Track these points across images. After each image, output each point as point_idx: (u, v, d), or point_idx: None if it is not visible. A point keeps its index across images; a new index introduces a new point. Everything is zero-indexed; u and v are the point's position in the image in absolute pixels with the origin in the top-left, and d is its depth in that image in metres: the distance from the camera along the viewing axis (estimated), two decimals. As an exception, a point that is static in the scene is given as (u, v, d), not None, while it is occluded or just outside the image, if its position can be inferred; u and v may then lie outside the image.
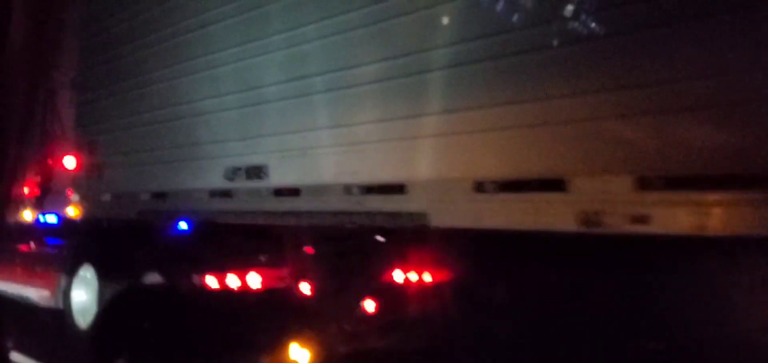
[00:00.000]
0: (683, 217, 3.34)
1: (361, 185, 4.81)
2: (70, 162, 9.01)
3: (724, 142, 3.23)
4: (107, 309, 6.67)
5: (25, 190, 9.94)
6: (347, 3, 4.92)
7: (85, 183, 8.27)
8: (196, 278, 6.13)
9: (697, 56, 3.31)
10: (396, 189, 4.54)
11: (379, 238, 4.87)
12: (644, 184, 3.44)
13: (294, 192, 5.34)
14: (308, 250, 5.36)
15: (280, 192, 5.50)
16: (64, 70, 9.35)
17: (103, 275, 7.18)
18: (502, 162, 3.99)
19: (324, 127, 5.06)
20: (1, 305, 8.69)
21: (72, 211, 8.46)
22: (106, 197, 7.85)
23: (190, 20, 6.44)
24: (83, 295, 7.37)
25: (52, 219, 9.34)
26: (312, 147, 5.18)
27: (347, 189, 4.89)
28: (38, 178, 9.66)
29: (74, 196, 8.51)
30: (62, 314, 7.54)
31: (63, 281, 7.76)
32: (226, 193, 6.03)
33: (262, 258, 6.08)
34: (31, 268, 8.75)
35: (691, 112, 3.35)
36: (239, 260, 6.11)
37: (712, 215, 3.28)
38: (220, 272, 6.09)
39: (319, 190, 5.12)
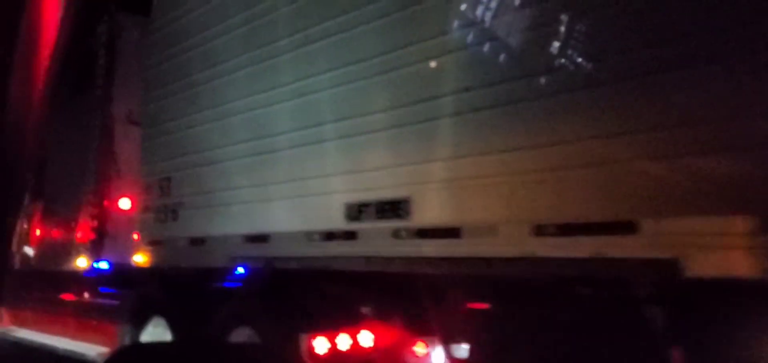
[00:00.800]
0: None
1: (558, 224, 3.71)
2: (125, 203, 8.19)
3: None
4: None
5: (78, 234, 9.09)
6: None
7: (155, 226, 7.30)
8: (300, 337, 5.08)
9: None
10: (619, 228, 3.43)
11: (583, 291, 3.74)
12: None
13: (451, 233, 4.25)
14: (474, 306, 4.24)
15: (427, 233, 4.43)
16: (119, 104, 8.55)
17: (178, 330, 6.28)
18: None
19: (497, 151, 4.02)
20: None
21: (140, 258, 7.47)
22: (183, 242, 6.85)
23: (305, 33, 5.48)
24: (153, 353, 6.37)
25: (105, 266, 8.45)
26: (479, 176, 4.12)
27: (538, 229, 3.79)
28: (93, 222, 8.75)
29: (141, 241, 7.52)
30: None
31: (126, 336, 6.91)
32: (348, 235, 4.96)
33: (389, 315, 5.03)
34: (86, 320, 7.85)
35: None
36: (359, 317, 5.07)
37: None
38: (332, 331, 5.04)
39: (490, 230, 4.04)
